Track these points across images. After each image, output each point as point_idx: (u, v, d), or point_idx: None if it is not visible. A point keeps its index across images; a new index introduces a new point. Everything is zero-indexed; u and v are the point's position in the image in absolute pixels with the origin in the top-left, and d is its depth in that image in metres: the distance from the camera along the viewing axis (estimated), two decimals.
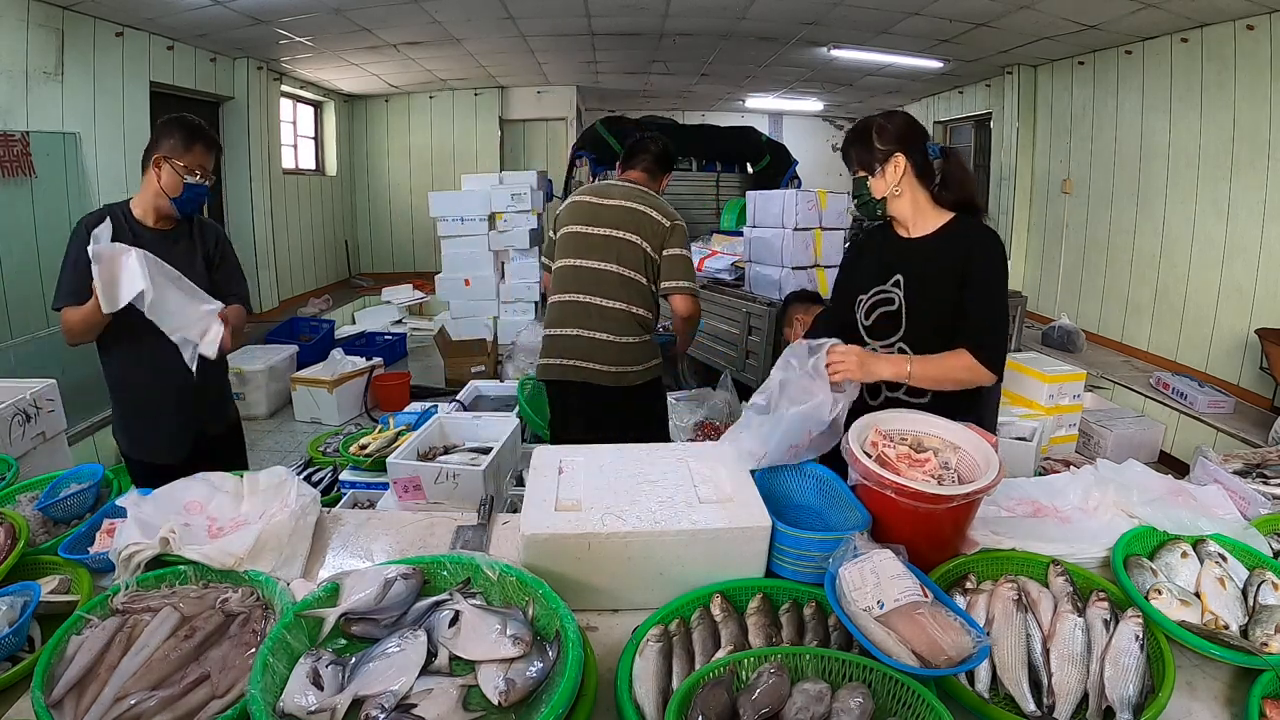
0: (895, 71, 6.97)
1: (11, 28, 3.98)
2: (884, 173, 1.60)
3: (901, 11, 5.03)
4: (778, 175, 6.59)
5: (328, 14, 5.13)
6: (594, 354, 2.42)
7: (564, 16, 5.51)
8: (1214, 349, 4.62)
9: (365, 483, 2.54)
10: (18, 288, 3.95)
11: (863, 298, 1.71)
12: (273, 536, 1.30)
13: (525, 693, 0.95)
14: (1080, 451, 3.99)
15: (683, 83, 8.30)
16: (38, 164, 4.04)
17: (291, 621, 1.02)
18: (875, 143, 1.61)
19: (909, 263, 1.63)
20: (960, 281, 1.55)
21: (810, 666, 1.01)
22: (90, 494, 1.55)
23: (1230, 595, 1.19)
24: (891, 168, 1.59)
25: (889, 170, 1.60)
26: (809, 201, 3.86)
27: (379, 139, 8.76)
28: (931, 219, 1.63)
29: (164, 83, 5.30)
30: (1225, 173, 4.46)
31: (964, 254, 1.56)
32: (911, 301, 1.61)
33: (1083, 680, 1.02)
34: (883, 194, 1.62)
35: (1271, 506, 1.51)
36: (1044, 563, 1.26)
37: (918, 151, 1.60)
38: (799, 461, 1.44)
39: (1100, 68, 5.57)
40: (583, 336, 2.43)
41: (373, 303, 7.78)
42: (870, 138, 1.61)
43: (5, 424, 2.10)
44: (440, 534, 1.49)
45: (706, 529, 1.20)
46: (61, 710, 0.95)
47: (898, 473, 1.25)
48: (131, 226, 1.95)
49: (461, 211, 5.77)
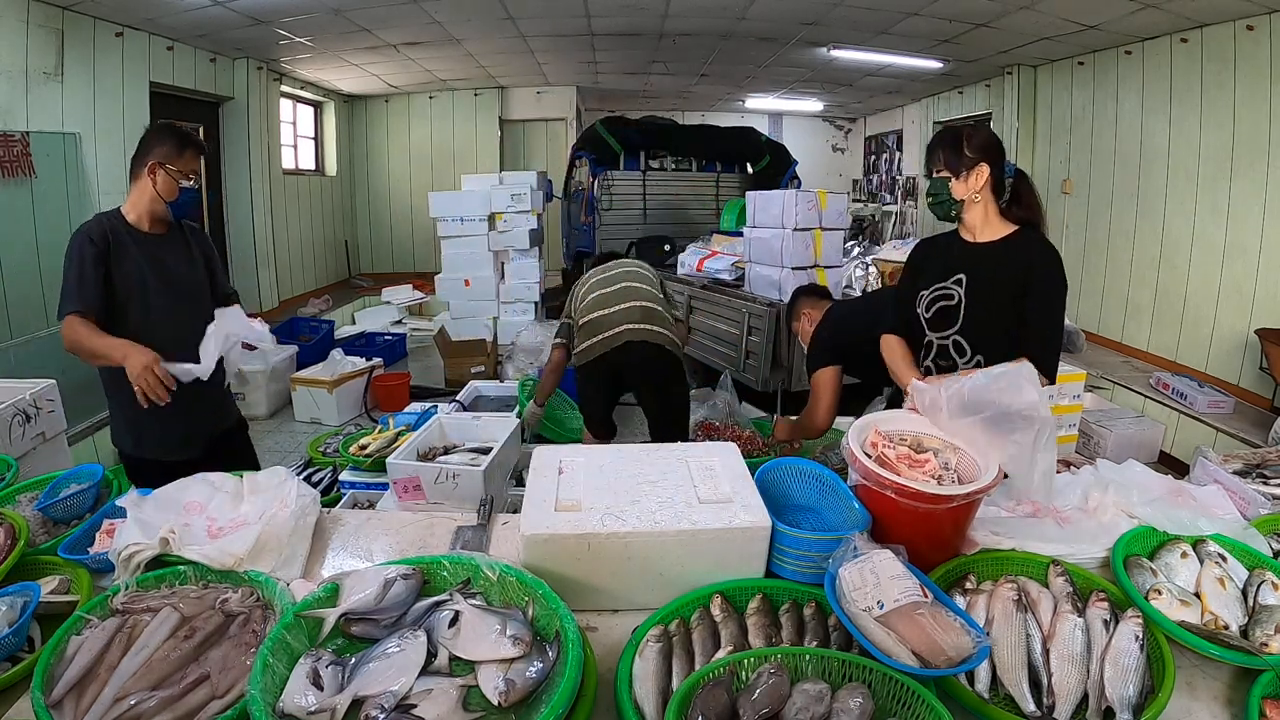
0: (895, 71, 6.97)
1: (11, 28, 3.98)
2: (967, 178, 1.72)
3: (901, 11, 5.03)
4: (777, 175, 6.60)
5: (328, 14, 5.13)
6: (654, 319, 2.77)
7: (564, 16, 5.51)
8: (1214, 349, 4.62)
9: (365, 483, 2.54)
10: (18, 288, 3.95)
11: (924, 292, 1.84)
12: (273, 537, 1.30)
13: (525, 693, 0.95)
14: (1080, 451, 4.00)
15: (683, 83, 8.30)
16: (38, 164, 4.04)
17: (291, 622, 1.02)
18: (965, 149, 1.71)
19: (972, 264, 1.75)
20: (1021, 289, 1.69)
21: (810, 667, 1.01)
22: (90, 494, 1.55)
23: (1230, 595, 1.19)
24: (975, 175, 1.71)
25: (972, 177, 1.71)
26: (809, 202, 3.86)
27: (379, 139, 8.77)
28: (998, 228, 1.76)
29: (164, 83, 5.31)
30: (1225, 173, 4.46)
31: (1027, 264, 1.69)
32: (971, 299, 1.74)
33: (1082, 680, 1.02)
34: (963, 196, 1.73)
35: (1271, 506, 1.51)
36: (1044, 563, 1.26)
37: (998, 166, 1.73)
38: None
39: (1100, 68, 5.57)
40: (640, 306, 2.79)
41: (373, 303, 7.78)
42: (960, 144, 1.72)
43: (5, 424, 2.10)
44: (440, 534, 1.48)
45: (706, 529, 1.20)
46: (61, 710, 0.95)
47: (898, 473, 1.25)
48: (130, 233, 1.95)
49: (461, 211, 5.77)
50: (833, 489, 1.41)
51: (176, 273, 2.00)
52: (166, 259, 1.99)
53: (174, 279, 1.99)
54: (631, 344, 2.71)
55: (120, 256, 1.91)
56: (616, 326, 2.74)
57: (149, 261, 1.95)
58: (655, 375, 2.80)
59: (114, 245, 1.91)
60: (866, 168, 10.38)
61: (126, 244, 1.92)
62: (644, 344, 2.72)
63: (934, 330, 1.81)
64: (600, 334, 2.76)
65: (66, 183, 4.30)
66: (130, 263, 1.92)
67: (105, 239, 1.90)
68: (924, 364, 1.84)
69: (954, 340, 1.78)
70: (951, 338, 1.78)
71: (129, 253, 1.92)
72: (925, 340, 1.82)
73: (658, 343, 2.73)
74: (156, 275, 1.95)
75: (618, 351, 2.73)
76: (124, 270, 1.91)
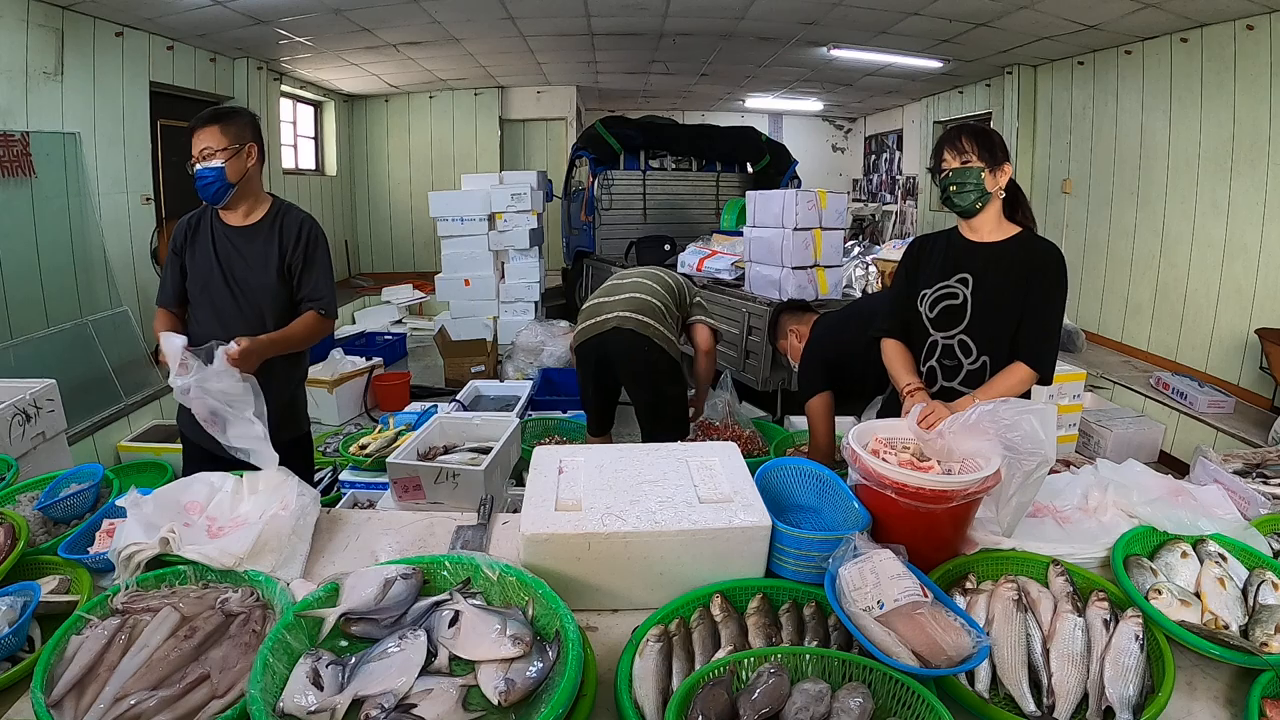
0: (895, 71, 6.97)
1: (11, 28, 3.98)
2: (997, 173, 1.71)
3: (901, 11, 5.03)
4: (778, 175, 6.60)
5: (328, 14, 5.13)
6: (649, 313, 2.77)
7: (564, 16, 5.51)
8: (1214, 349, 4.62)
9: (365, 483, 2.54)
10: (18, 288, 3.94)
11: (926, 292, 1.82)
12: (273, 536, 1.30)
13: (525, 693, 0.95)
14: (1080, 451, 4.00)
15: (683, 83, 8.30)
16: (38, 164, 4.04)
17: (291, 621, 1.02)
18: (996, 146, 1.71)
19: (980, 264, 1.75)
20: (1025, 287, 1.69)
21: (810, 666, 1.01)
22: (90, 494, 1.55)
23: (1230, 595, 1.19)
24: (1001, 172, 1.72)
25: (999, 174, 1.71)
26: (809, 201, 3.85)
27: (379, 139, 8.76)
28: (1003, 229, 1.77)
29: (164, 83, 5.30)
30: (1225, 172, 4.46)
31: (1033, 264, 1.70)
32: (978, 298, 1.73)
33: (1082, 680, 1.02)
34: (993, 189, 1.72)
35: (1271, 506, 1.51)
36: (1044, 563, 1.26)
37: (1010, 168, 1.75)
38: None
39: (1100, 68, 5.57)
40: (639, 298, 2.80)
41: (373, 303, 7.78)
42: (991, 138, 1.72)
43: (5, 424, 2.10)
44: (440, 534, 1.48)
45: (706, 529, 1.20)
46: (61, 710, 0.95)
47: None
48: (214, 225, 1.93)
49: (461, 211, 5.77)
50: (833, 489, 1.41)
51: (242, 271, 1.92)
52: (240, 255, 1.91)
53: (238, 277, 1.91)
54: (620, 330, 2.73)
55: (194, 250, 1.92)
56: (609, 313, 2.78)
57: (221, 256, 1.91)
58: (640, 366, 2.77)
59: (190, 238, 1.92)
60: (866, 167, 10.38)
61: (204, 238, 1.91)
62: (632, 333, 2.73)
63: (938, 330, 1.80)
64: (593, 318, 2.82)
65: (66, 183, 4.30)
66: (202, 256, 1.91)
67: (185, 231, 1.93)
68: (928, 363, 1.82)
69: (959, 340, 1.77)
70: (957, 337, 1.77)
71: (204, 247, 1.92)
72: (929, 340, 1.81)
73: (645, 334, 2.73)
74: (224, 271, 1.91)
75: (604, 336, 2.76)
76: (195, 264, 1.92)
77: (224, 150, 1.84)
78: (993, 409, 1.29)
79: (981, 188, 1.69)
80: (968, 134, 1.71)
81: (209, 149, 1.83)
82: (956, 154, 1.70)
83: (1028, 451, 1.24)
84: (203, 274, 1.91)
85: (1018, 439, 1.25)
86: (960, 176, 1.70)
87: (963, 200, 1.71)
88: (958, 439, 1.32)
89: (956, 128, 1.75)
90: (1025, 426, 1.25)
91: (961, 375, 1.76)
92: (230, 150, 1.85)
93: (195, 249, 1.92)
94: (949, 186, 1.72)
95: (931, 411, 1.45)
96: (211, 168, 1.83)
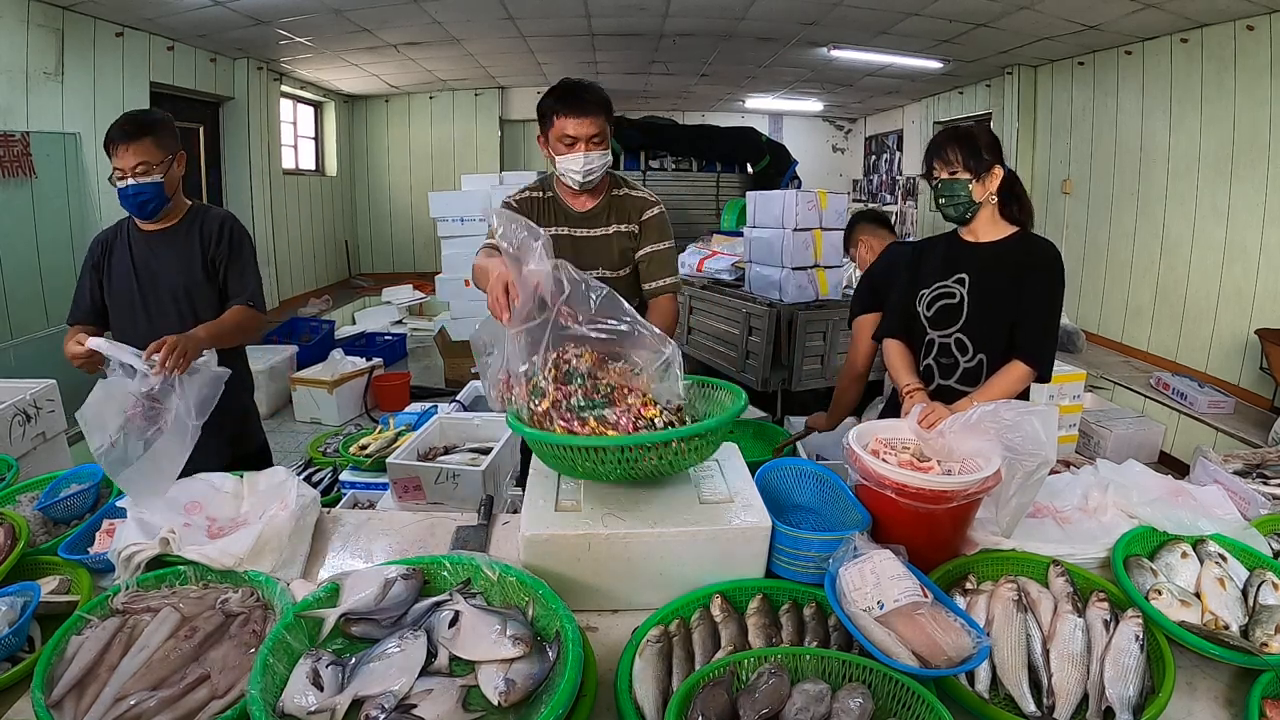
0: (895, 72, 6.96)
1: (11, 28, 3.98)
2: (985, 180, 1.71)
3: (901, 12, 5.03)
4: (778, 175, 6.61)
5: (328, 14, 5.12)
6: None
7: (564, 17, 5.50)
8: (1214, 349, 4.62)
9: (365, 483, 2.54)
10: (18, 288, 3.95)
11: (924, 292, 1.84)
12: (273, 537, 1.30)
13: (525, 693, 0.95)
14: (1080, 452, 4.00)
15: (683, 83, 8.29)
16: (38, 164, 4.04)
17: (291, 622, 1.02)
18: (983, 151, 1.70)
19: (977, 264, 1.76)
20: (1022, 286, 1.70)
21: (810, 667, 1.01)
22: (90, 494, 1.54)
23: (1230, 595, 1.19)
24: (991, 177, 1.71)
25: (989, 179, 1.71)
26: (809, 202, 3.85)
27: (379, 139, 8.76)
28: (1000, 228, 1.78)
29: (164, 83, 5.30)
30: (1225, 173, 4.46)
31: (1030, 264, 1.71)
32: (975, 297, 1.75)
33: (1083, 680, 1.02)
34: (981, 199, 1.72)
35: (1271, 506, 1.51)
36: (1044, 563, 1.26)
37: (1005, 167, 1.74)
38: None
39: (1100, 68, 5.57)
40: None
41: (373, 303, 7.78)
42: (977, 145, 1.70)
43: (5, 424, 2.09)
44: (440, 534, 1.48)
45: (706, 529, 1.20)
46: (61, 710, 0.95)
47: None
48: (130, 235, 1.89)
49: (461, 211, 5.76)
50: (833, 489, 1.41)
51: (165, 275, 1.88)
52: (158, 259, 1.88)
53: (158, 281, 1.87)
54: None
55: (112, 262, 1.89)
56: None
57: (138, 264, 1.88)
58: None
59: (107, 251, 1.89)
60: (866, 168, 10.38)
61: (121, 248, 1.89)
62: None
63: (935, 328, 1.82)
64: None
65: (66, 183, 4.30)
66: (121, 266, 1.89)
67: (101, 245, 1.89)
68: (925, 361, 1.84)
69: (956, 338, 1.79)
70: (954, 335, 1.79)
71: (121, 257, 1.89)
72: (926, 338, 1.83)
73: None
74: (143, 277, 1.87)
75: None
76: (114, 275, 1.89)
77: (160, 164, 1.77)
78: (994, 409, 1.29)
79: (969, 199, 1.71)
80: (954, 143, 1.71)
81: (144, 165, 1.74)
82: (944, 165, 1.72)
83: (1028, 452, 1.24)
84: (124, 284, 1.86)
85: (1018, 440, 1.25)
86: (948, 189, 1.73)
87: (953, 211, 1.76)
88: (958, 439, 1.32)
89: (945, 134, 1.76)
90: (1026, 428, 1.25)
91: (958, 373, 1.79)
92: (165, 164, 1.78)
93: (112, 262, 1.87)
94: (939, 198, 1.75)
95: (932, 411, 1.45)
96: (150, 183, 1.76)
